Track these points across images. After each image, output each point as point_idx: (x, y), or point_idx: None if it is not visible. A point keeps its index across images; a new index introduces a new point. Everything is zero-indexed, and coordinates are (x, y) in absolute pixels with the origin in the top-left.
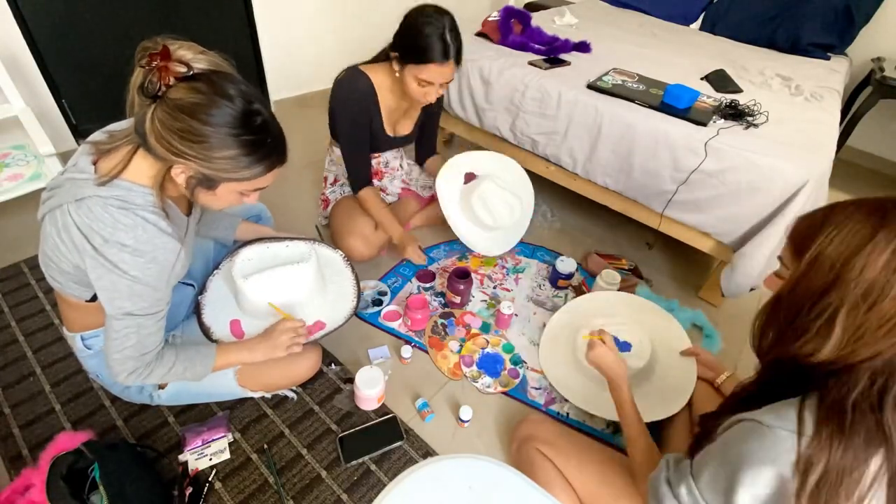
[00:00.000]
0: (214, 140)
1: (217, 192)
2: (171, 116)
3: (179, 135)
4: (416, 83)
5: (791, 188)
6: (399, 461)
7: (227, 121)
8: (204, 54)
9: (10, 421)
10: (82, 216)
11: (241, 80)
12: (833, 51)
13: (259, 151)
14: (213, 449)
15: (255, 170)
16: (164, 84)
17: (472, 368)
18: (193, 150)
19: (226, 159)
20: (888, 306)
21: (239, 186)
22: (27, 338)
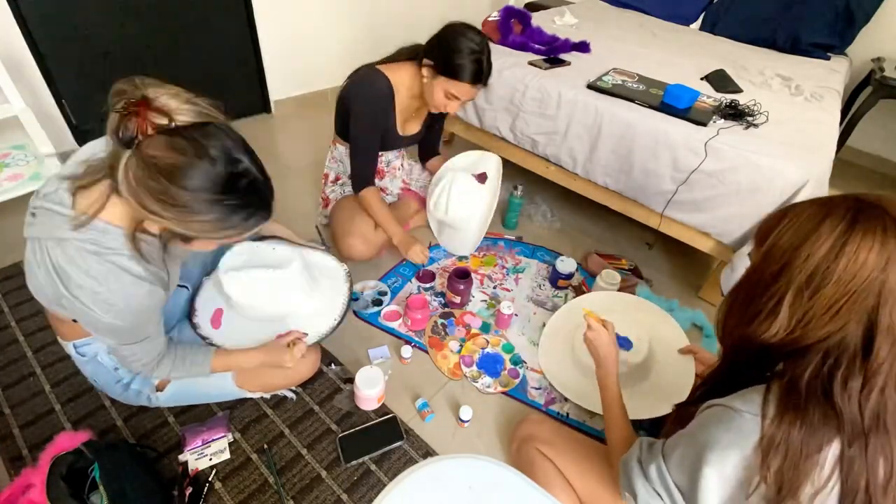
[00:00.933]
0: (193, 206)
1: (193, 244)
2: (145, 174)
3: (154, 196)
4: (443, 95)
5: (791, 188)
6: (399, 461)
7: (209, 186)
8: (190, 104)
9: (10, 421)
10: (58, 258)
11: (229, 134)
12: (833, 51)
13: (242, 212)
14: (213, 449)
15: (236, 230)
16: (142, 133)
17: (472, 368)
18: (169, 213)
19: (204, 223)
20: (830, 291)
21: (215, 241)
22: (27, 338)
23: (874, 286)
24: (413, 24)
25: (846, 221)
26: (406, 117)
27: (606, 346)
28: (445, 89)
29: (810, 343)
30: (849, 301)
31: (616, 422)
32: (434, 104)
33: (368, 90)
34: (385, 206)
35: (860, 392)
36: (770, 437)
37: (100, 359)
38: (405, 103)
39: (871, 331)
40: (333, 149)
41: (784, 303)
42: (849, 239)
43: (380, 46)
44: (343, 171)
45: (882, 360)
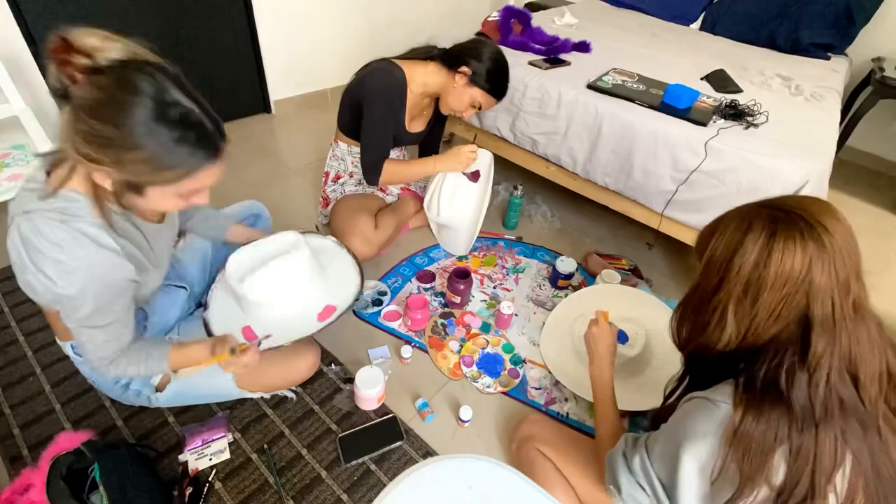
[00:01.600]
0: (123, 141)
1: (148, 197)
2: (75, 118)
3: (85, 138)
4: (469, 102)
5: (791, 188)
6: (399, 461)
7: (136, 120)
8: (114, 41)
9: (10, 421)
10: (25, 230)
11: (159, 67)
12: (833, 51)
13: (179, 148)
14: (213, 449)
15: (178, 170)
16: (70, 81)
17: (473, 368)
18: (104, 155)
19: (140, 162)
20: (768, 297)
21: (168, 189)
22: (27, 338)
23: (803, 286)
24: (412, 24)
25: (767, 231)
26: (413, 115)
27: (607, 346)
28: (474, 98)
29: (762, 343)
30: (785, 303)
31: (605, 418)
32: (455, 108)
33: (387, 80)
34: (401, 161)
35: (808, 385)
36: (733, 428)
37: None
38: (415, 100)
39: (807, 327)
40: (335, 146)
41: (728, 312)
42: (773, 248)
43: (380, 46)
44: (344, 170)
45: (821, 353)
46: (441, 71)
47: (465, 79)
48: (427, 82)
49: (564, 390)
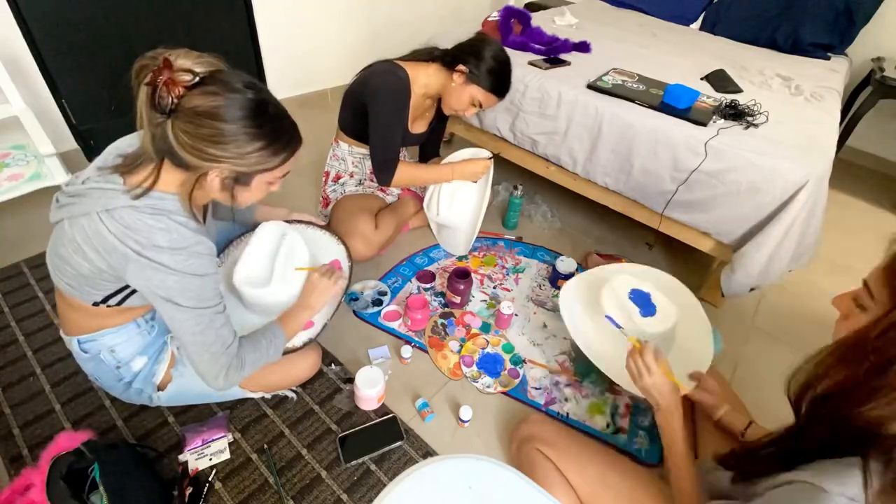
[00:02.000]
0: (241, 135)
1: (251, 186)
2: (194, 125)
3: (210, 140)
4: (469, 101)
5: (791, 188)
6: (399, 461)
7: (246, 113)
8: (201, 58)
9: (10, 421)
10: (116, 224)
11: (241, 73)
12: (833, 51)
13: (282, 138)
14: (213, 449)
15: (282, 156)
16: (175, 97)
17: (473, 368)
18: (227, 152)
19: (257, 152)
20: None
21: (269, 176)
22: (27, 338)
23: None
24: (412, 24)
25: None
26: (416, 116)
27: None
28: (473, 96)
29: None
30: None
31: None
32: (455, 107)
33: (392, 80)
34: (416, 165)
35: None
36: None
37: (102, 357)
38: (417, 101)
39: None
40: (336, 146)
41: None
42: None
43: (380, 46)
44: (344, 170)
45: None
46: (442, 71)
47: (462, 77)
48: (429, 83)
49: (565, 390)
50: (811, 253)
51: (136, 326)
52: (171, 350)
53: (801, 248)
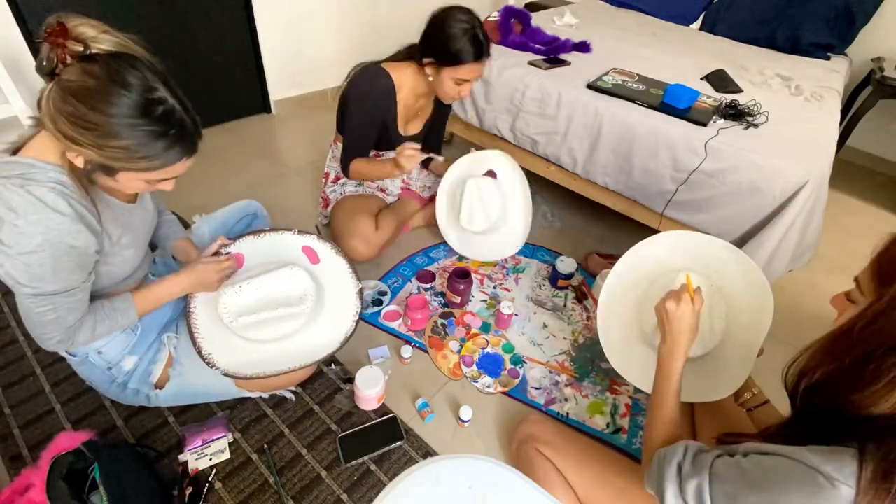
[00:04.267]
0: (106, 129)
1: (118, 179)
2: (61, 99)
3: (69, 119)
4: (452, 83)
5: (791, 188)
6: (399, 461)
7: (122, 111)
8: (109, 34)
9: (10, 421)
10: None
11: (148, 65)
12: (833, 51)
13: (158, 142)
14: (213, 449)
15: (154, 161)
16: (61, 62)
17: (473, 368)
18: (84, 137)
19: (119, 149)
20: None
21: (141, 175)
22: (27, 338)
23: None
24: (412, 24)
25: None
26: (409, 117)
27: (690, 327)
28: (453, 77)
29: None
30: None
31: (664, 405)
32: (447, 95)
33: (368, 85)
34: (369, 161)
35: None
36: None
37: (91, 359)
38: (409, 102)
39: None
40: (335, 147)
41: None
42: None
43: (380, 46)
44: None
45: None
46: (419, 70)
47: (433, 68)
48: (415, 85)
49: (565, 390)
50: (811, 253)
51: None
52: (167, 350)
53: (801, 248)
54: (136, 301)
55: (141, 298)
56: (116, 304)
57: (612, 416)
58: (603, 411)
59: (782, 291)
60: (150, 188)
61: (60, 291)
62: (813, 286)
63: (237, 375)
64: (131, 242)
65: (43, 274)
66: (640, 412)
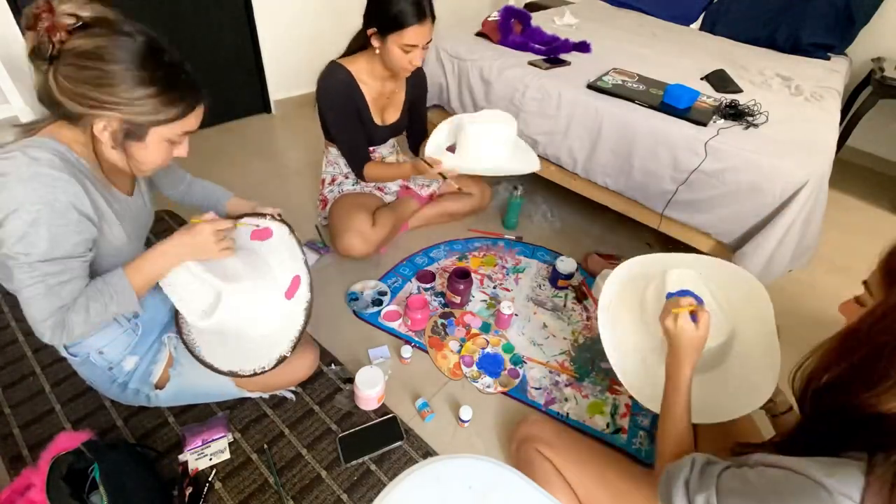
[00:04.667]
0: (128, 79)
1: (147, 142)
2: (77, 67)
3: (92, 83)
4: (399, 51)
5: (791, 188)
6: (399, 461)
7: (135, 57)
8: (90, 3)
9: (10, 421)
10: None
11: (133, 22)
12: (833, 51)
13: (176, 88)
14: (213, 449)
15: (177, 108)
16: (58, 41)
17: (473, 368)
18: (113, 96)
19: (145, 98)
20: None
21: (166, 131)
22: (27, 337)
23: None
24: None
25: None
26: (382, 105)
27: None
28: (399, 44)
29: None
30: None
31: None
32: (399, 66)
33: (327, 82)
34: (384, 164)
35: None
36: None
37: (92, 359)
38: (375, 90)
39: None
40: (327, 152)
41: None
42: None
43: None
44: (338, 173)
45: None
46: (369, 51)
47: (378, 39)
48: (372, 69)
49: (565, 390)
50: (811, 253)
51: (119, 326)
52: (168, 350)
53: (801, 248)
54: (128, 273)
55: (133, 269)
56: (107, 279)
57: (612, 416)
58: (603, 411)
59: (782, 291)
60: (170, 153)
61: (55, 258)
62: (813, 286)
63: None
64: (129, 234)
65: (38, 237)
66: (639, 412)
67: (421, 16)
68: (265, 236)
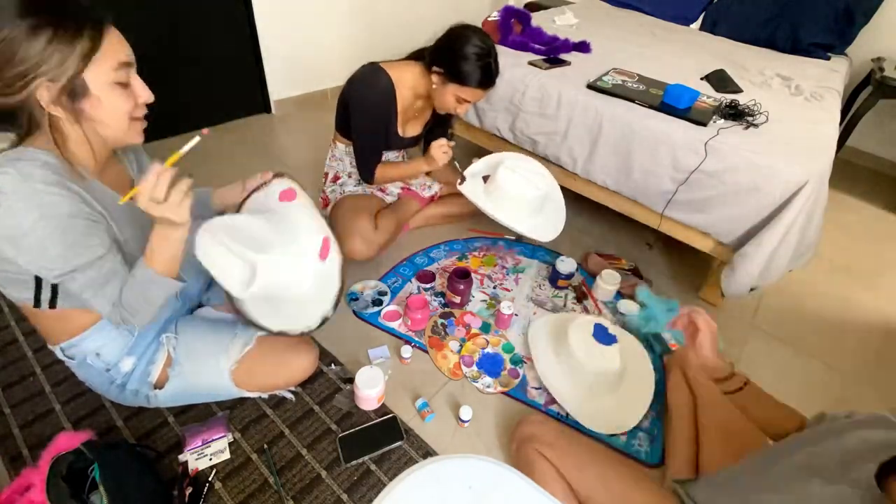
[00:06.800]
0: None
1: (93, 93)
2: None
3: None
4: (454, 99)
5: (791, 188)
6: (399, 461)
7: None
8: None
9: (10, 421)
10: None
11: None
12: (833, 51)
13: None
14: (213, 449)
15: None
16: None
17: (472, 368)
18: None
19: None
20: None
21: (100, 71)
22: (27, 337)
23: None
24: (412, 24)
25: None
26: (408, 118)
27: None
28: (455, 94)
29: None
30: None
31: None
32: (444, 107)
33: (370, 87)
34: (393, 164)
35: None
36: None
37: (89, 361)
38: (407, 102)
39: None
40: (334, 147)
41: None
42: None
43: (379, 46)
44: (343, 170)
45: None
46: (425, 72)
47: (440, 78)
48: (415, 84)
49: None
50: (811, 253)
51: (115, 327)
52: (166, 350)
53: (802, 248)
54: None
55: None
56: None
57: None
58: None
59: (782, 291)
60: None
61: (82, 266)
62: (813, 286)
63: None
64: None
65: (54, 250)
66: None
67: (486, 84)
68: (291, 197)
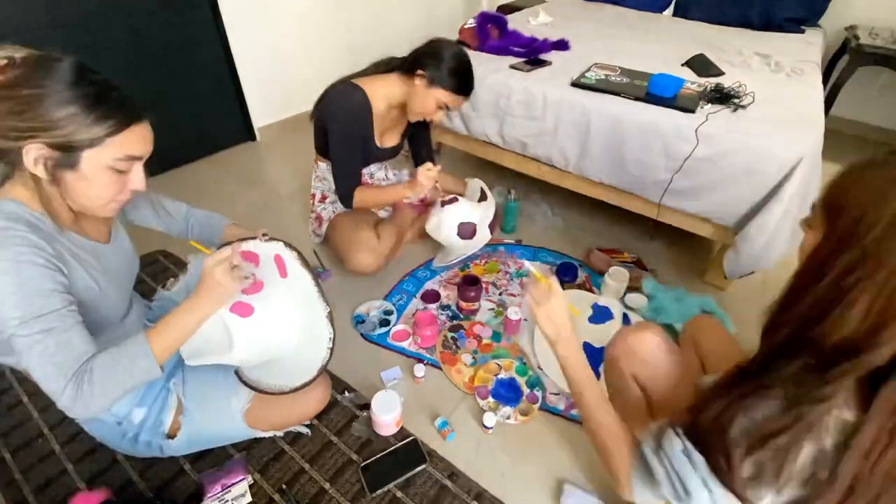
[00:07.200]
0: (50, 99)
1: (83, 170)
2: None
3: (16, 111)
4: (435, 104)
5: (787, 165)
6: (425, 484)
7: (58, 78)
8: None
9: (23, 487)
10: None
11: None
12: (806, 23)
13: (103, 104)
14: (234, 493)
15: (105, 125)
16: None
17: (489, 400)
18: (33, 120)
19: (68, 118)
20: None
21: (102, 155)
22: (31, 398)
23: None
24: (390, 39)
25: None
26: (384, 129)
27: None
28: (438, 99)
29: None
30: None
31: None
32: (422, 112)
33: (345, 104)
34: (376, 187)
35: None
36: None
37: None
38: (382, 115)
39: None
40: (316, 168)
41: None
42: None
43: (359, 63)
44: (328, 189)
45: None
46: (401, 80)
47: (424, 81)
48: (389, 94)
49: None
50: None
51: None
52: (175, 395)
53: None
54: (150, 337)
55: (155, 332)
56: (124, 345)
57: None
58: None
59: (789, 268)
60: (120, 185)
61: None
62: None
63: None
64: (104, 284)
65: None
66: None
67: (466, 93)
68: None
